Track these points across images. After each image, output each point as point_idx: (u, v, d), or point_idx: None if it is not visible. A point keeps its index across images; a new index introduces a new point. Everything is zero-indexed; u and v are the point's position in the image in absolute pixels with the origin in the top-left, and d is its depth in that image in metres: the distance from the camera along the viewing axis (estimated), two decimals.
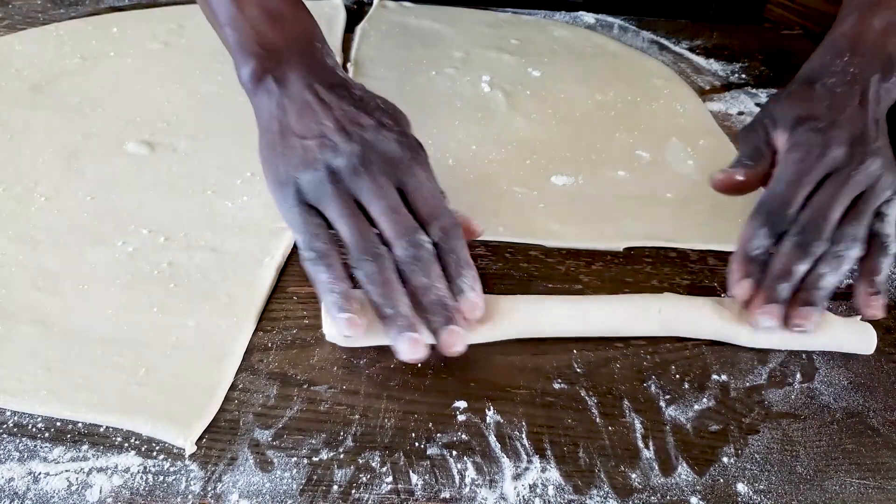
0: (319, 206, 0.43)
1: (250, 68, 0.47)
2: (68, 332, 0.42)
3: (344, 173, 0.42)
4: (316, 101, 0.45)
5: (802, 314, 0.42)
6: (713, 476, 0.37)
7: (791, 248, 0.43)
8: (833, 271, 0.43)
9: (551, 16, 0.79)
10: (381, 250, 0.41)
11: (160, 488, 0.35)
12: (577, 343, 0.44)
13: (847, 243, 0.43)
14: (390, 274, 0.40)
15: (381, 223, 0.42)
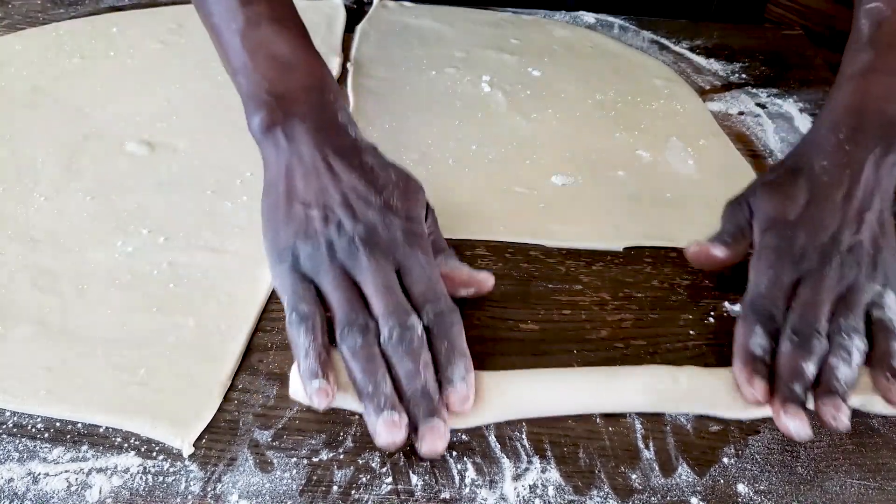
0: (314, 277, 0.42)
1: (260, 118, 0.46)
2: (68, 332, 0.42)
3: (343, 250, 0.42)
4: (325, 168, 0.44)
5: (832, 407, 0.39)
6: (713, 476, 0.37)
7: (792, 350, 0.41)
8: (845, 363, 0.40)
9: (551, 16, 0.79)
10: (370, 326, 0.39)
11: (160, 489, 0.35)
12: (578, 343, 0.44)
13: (849, 336, 0.41)
14: (375, 350, 0.39)
15: (373, 301, 0.40)
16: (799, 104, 0.68)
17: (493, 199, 0.55)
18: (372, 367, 0.38)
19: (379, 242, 0.42)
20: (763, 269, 0.45)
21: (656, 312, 0.46)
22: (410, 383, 0.38)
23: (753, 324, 0.42)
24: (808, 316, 0.42)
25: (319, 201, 0.43)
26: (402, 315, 0.39)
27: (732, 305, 0.47)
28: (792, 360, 0.40)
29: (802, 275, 0.44)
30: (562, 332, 0.45)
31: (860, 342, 0.42)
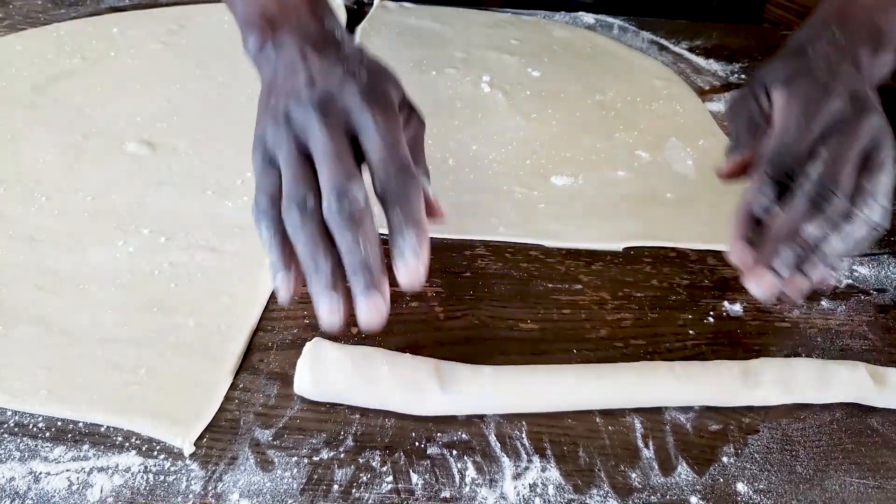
0: (276, 157, 0.40)
1: (252, 38, 0.47)
2: (69, 332, 0.42)
3: (298, 118, 0.39)
4: (301, 62, 0.43)
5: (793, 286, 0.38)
6: (713, 476, 0.37)
7: (804, 206, 0.38)
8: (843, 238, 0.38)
9: (551, 16, 0.79)
10: (310, 198, 0.37)
11: (161, 488, 0.35)
12: (578, 343, 0.44)
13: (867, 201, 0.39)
14: (315, 226, 0.36)
15: (320, 170, 0.38)
16: None
17: (493, 199, 0.55)
18: (312, 245, 0.36)
19: (334, 107, 0.39)
20: (792, 112, 0.42)
21: (656, 312, 0.47)
22: (350, 257, 0.36)
23: (766, 179, 0.40)
24: (835, 168, 0.39)
25: (289, 89, 0.42)
26: (342, 182, 0.37)
27: (732, 305, 0.47)
28: (796, 218, 0.38)
29: (836, 121, 0.41)
30: (561, 331, 0.45)
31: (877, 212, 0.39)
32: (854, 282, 0.50)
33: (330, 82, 0.40)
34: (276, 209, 0.38)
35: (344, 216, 0.36)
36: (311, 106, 0.39)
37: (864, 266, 0.51)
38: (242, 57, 0.66)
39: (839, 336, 0.46)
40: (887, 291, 0.50)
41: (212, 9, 0.75)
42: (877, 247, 0.53)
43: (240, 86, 0.64)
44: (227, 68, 0.66)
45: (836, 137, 0.41)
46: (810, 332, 0.46)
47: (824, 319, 0.47)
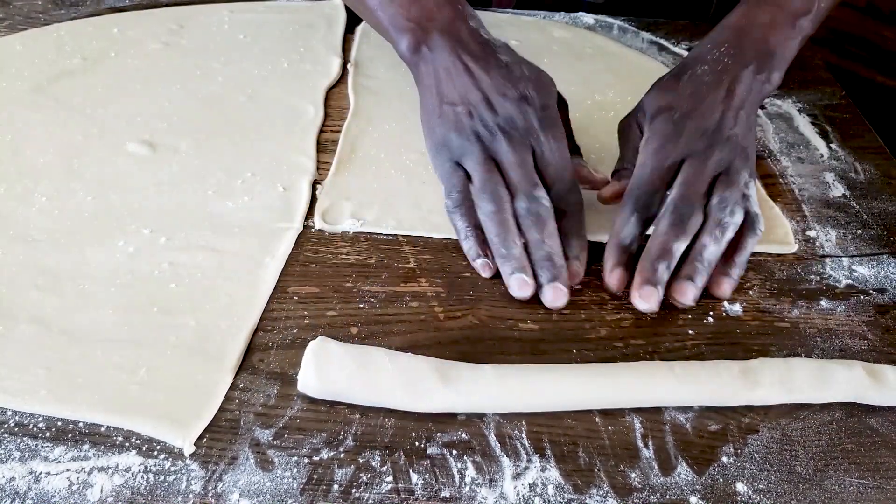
0: (463, 162, 0.49)
1: (406, 42, 0.53)
2: (69, 332, 0.42)
3: (486, 138, 0.48)
4: (463, 71, 0.51)
5: (680, 290, 0.45)
6: (713, 475, 0.37)
7: (667, 228, 0.45)
8: (715, 241, 0.45)
9: (551, 16, 0.79)
10: (503, 194, 0.46)
11: (161, 488, 0.35)
12: (577, 343, 0.44)
13: (731, 207, 0.45)
14: (508, 217, 0.46)
15: (509, 175, 0.47)
16: (798, 104, 0.68)
17: None
18: (504, 231, 0.45)
19: (516, 129, 0.48)
20: (649, 153, 0.49)
21: (655, 312, 0.47)
22: (536, 251, 0.45)
23: (630, 213, 0.47)
24: (689, 192, 0.46)
25: (464, 100, 0.50)
26: (531, 188, 0.46)
27: (731, 305, 0.47)
28: (664, 239, 0.45)
29: (686, 156, 0.48)
30: (561, 331, 0.45)
31: (739, 217, 0.46)
32: (853, 282, 0.50)
33: (508, 106, 0.49)
34: (467, 204, 0.48)
35: (533, 216, 0.46)
36: (497, 131, 0.48)
37: (863, 266, 0.51)
38: (242, 57, 0.66)
39: (839, 336, 0.46)
40: (887, 291, 0.50)
41: (212, 9, 0.75)
42: (876, 247, 0.53)
43: (240, 86, 0.64)
44: (227, 68, 0.66)
45: (688, 167, 0.47)
46: (810, 332, 0.46)
47: (824, 319, 0.47)
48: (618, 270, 0.46)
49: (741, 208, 0.46)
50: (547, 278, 0.44)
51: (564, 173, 0.49)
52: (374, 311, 0.45)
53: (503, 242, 0.45)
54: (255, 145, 0.57)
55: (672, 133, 0.49)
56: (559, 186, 0.48)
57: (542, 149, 0.48)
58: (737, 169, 0.47)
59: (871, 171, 0.61)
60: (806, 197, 0.57)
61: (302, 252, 0.49)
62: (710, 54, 0.53)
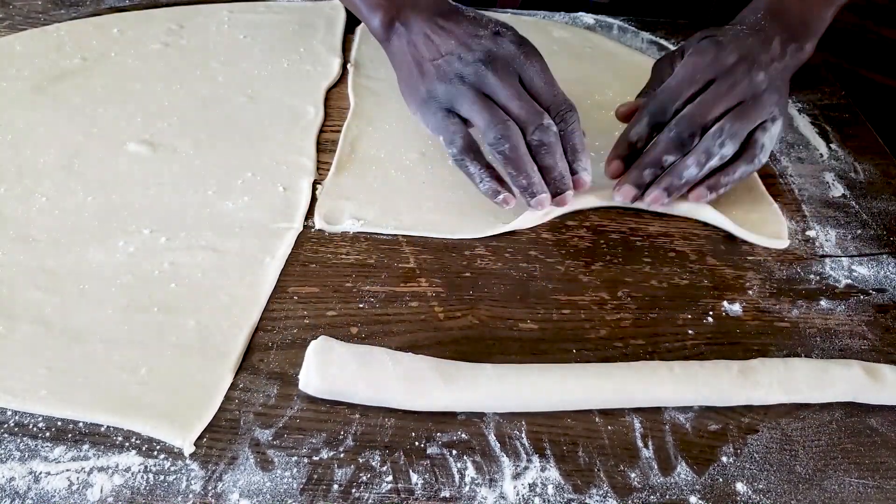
0: (456, 107, 0.50)
1: (378, 19, 0.55)
2: (69, 332, 0.42)
3: (471, 76, 0.49)
4: (438, 30, 0.52)
5: (652, 196, 0.49)
6: (712, 475, 0.37)
7: (666, 140, 0.49)
8: (696, 164, 0.48)
9: (550, 16, 0.79)
10: (513, 129, 0.48)
11: (161, 487, 0.35)
12: (577, 343, 0.44)
13: (723, 139, 0.48)
14: (523, 150, 0.48)
15: (511, 108, 0.48)
16: (798, 104, 0.68)
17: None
18: (522, 164, 0.48)
19: (497, 59, 0.49)
20: (683, 65, 0.52)
21: (655, 312, 0.47)
22: (551, 172, 0.49)
23: (644, 115, 0.50)
24: (698, 113, 0.49)
25: (441, 52, 0.51)
26: (539, 117, 0.48)
27: (731, 305, 0.47)
28: (659, 150, 0.49)
29: (716, 76, 0.50)
30: (561, 331, 0.45)
31: (729, 149, 0.49)
32: (853, 282, 0.50)
33: (483, 41, 0.50)
34: (474, 148, 0.49)
35: (546, 143, 0.48)
36: (480, 63, 0.49)
37: (863, 266, 0.51)
38: (242, 57, 0.66)
39: (838, 336, 0.46)
40: (886, 291, 0.50)
41: (212, 9, 0.75)
42: (876, 247, 0.53)
43: (240, 86, 0.64)
44: (227, 68, 0.66)
45: (712, 89, 0.50)
46: (809, 332, 0.46)
47: (823, 319, 0.47)
48: (616, 162, 0.51)
49: (735, 142, 0.49)
50: (560, 189, 0.49)
51: (555, 92, 0.50)
52: (373, 311, 0.45)
53: (523, 174, 0.48)
54: (255, 145, 0.57)
55: (713, 50, 0.51)
56: (553, 107, 0.49)
57: (529, 73, 0.50)
58: (760, 103, 0.50)
59: (871, 170, 0.61)
60: (806, 197, 0.57)
61: (302, 252, 0.49)
62: (747, 21, 0.55)
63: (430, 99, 0.51)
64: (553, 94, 0.50)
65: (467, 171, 0.49)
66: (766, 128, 0.50)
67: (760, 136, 0.50)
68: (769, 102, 0.50)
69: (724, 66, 0.50)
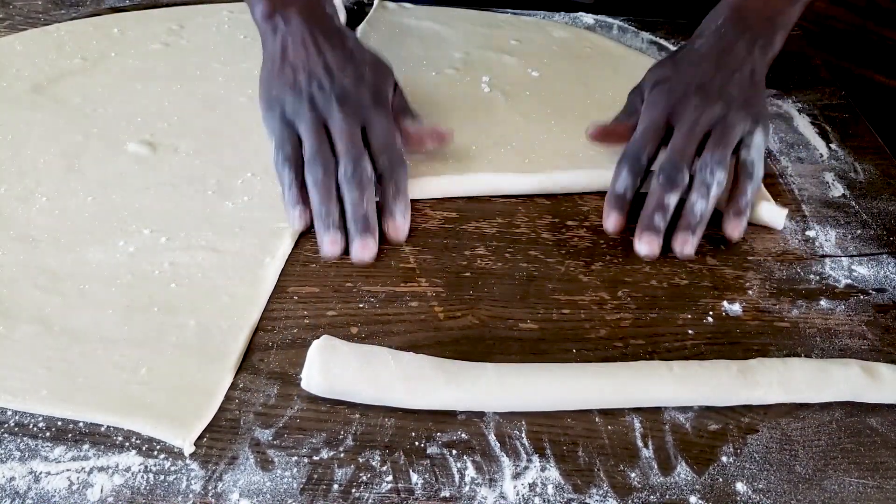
0: (295, 123, 0.51)
1: (262, 7, 0.56)
2: (69, 332, 0.42)
3: (321, 103, 0.51)
4: (312, 44, 0.54)
5: (679, 241, 0.49)
6: (712, 475, 0.37)
7: (658, 186, 0.50)
8: (702, 198, 0.49)
9: (550, 17, 0.79)
10: (331, 163, 0.49)
11: (161, 487, 0.35)
12: (577, 343, 0.44)
13: (711, 168, 0.50)
14: (332, 184, 0.49)
15: (337, 143, 0.50)
16: (798, 104, 0.68)
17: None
18: (327, 195, 0.48)
19: (350, 101, 0.51)
20: (643, 117, 0.54)
21: (655, 312, 0.47)
22: (355, 210, 0.48)
23: (623, 167, 0.52)
24: (676, 155, 0.50)
25: (306, 66, 0.53)
26: (357, 154, 0.49)
27: (731, 305, 0.47)
28: (657, 195, 0.50)
29: (677, 115, 0.52)
30: (561, 331, 0.45)
31: (721, 175, 0.50)
32: (853, 282, 0.50)
33: (346, 81, 0.52)
34: (296, 160, 0.50)
35: (356, 179, 0.49)
36: (333, 98, 0.51)
37: (863, 266, 0.51)
38: (242, 57, 0.66)
39: (838, 336, 0.46)
40: (886, 291, 0.50)
41: (212, 9, 0.75)
42: (876, 247, 0.53)
43: (240, 86, 0.64)
44: (227, 68, 0.66)
45: (677, 130, 0.52)
46: (809, 332, 0.46)
47: (823, 319, 0.47)
48: (613, 214, 0.51)
49: (723, 167, 0.50)
50: (358, 232, 0.48)
51: (391, 144, 0.51)
52: (373, 310, 0.45)
53: (325, 205, 0.48)
54: (255, 145, 0.57)
55: (664, 99, 0.54)
56: (385, 157, 0.50)
57: (372, 123, 0.51)
58: (731, 123, 0.51)
59: (871, 170, 0.61)
60: (805, 197, 0.57)
61: (302, 252, 0.49)
62: (709, 28, 0.57)
63: (276, 103, 0.52)
64: (388, 145, 0.51)
65: (281, 176, 0.50)
66: (747, 144, 0.52)
67: (745, 154, 0.51)
68: (737, 120, 0.51)
69: (680, 110, 0.52)
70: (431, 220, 0.52)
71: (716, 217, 0.52)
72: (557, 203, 0.55)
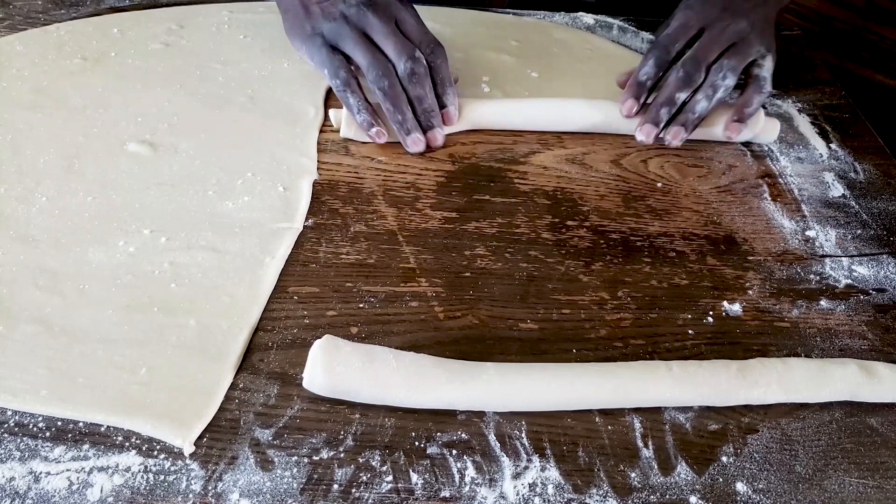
0: (339, 45, 0.56)
1: None
2: (69, 332, 0.42)
3: (354, 16, 0.56)
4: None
5: (672, 133, 0.57)
6: (712, 475, 0.38)
7: (675, 79, 0.56)
8: (706, 98, 0.56)
9: (551, 17, 0.79)
10: (391, 68, 0.55)
11: (161, 487, 0.35)
12: (577, 343, 0.44)
13: (724, 73, 0.55)
14: (399, 89, 0.55)
15: (386, 45, 0.55)
16: (798, 104, 0.68)
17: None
18: (398, 101, 0.55)
19: (378, 4, 0.56)
20: (678, 17, 0.60)
21: (655, 312, 0.47)
22: (421, 104, 0.56)
23: (650, 57, 0.58)
24: (699, 53, 0.56)
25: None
26: (410, 51, 0.55)
27: (731, 305, 0.47)
28: (670, 89, 0.56)
29: (709, 23, 0.57)
30: (561, 331, 0.45)
31: (731, 81, 0.56)
32: (853, 282, 0.50)
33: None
34: (354, 82, 0.56)
35: (416, 74, 0.55)
36: (361, 5, 0.56)
37: (863, 266, 0.51)
38: (242, 57, 0.67)
39: (838, 336, 0.46)
40: (886, 291, 0.50)
41: (212, 9, 0.75)
42: (876, 247, 0.53)
43: (240, 86, 0.64)
44: (227, 68, 0.66)
45: (706, 34, 0.57)
46: (809, 332, 0.46)
47: (823, 319, 0.47)
48: (630, 100, 0.57)
49: (735, 74, 0.56)
50: (429, 124, 0.56)
51: (424, 31, 0.57)
52: (374, 310, 0.45)
53: (398, 110, 0.54)
54: (255, 145, 0.57)
55: (699, 4, 0.59)
56: (424, 46, 0.56)
57: (402, 15, 0.57)
58: (750, 41, 0.57)
59: (871, 170, 0.61)
60: (805, 197, 0.57)
61: (302, 252, 0.49)
62: None
63: (315, 35, 0.57)
64: (423, 32, 0.57)
65: (347, 103, 0.55)
66: (759, 63, 0.57)
67: (758, 70, 0.57)
68: (756, 42, 0.57)
69: (711, 16, 0.58)
70: (431, 220, 0.52)
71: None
72: (557, 203, 0.55)
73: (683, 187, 0.57)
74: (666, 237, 0.52)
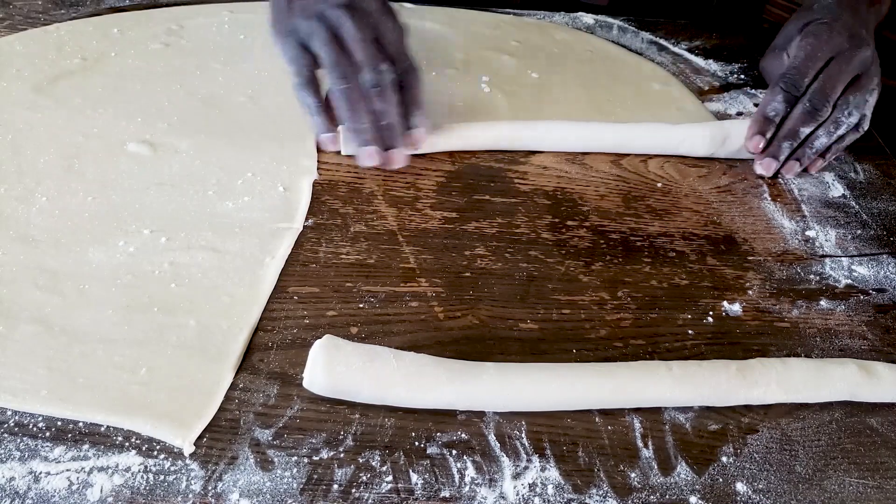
0: (309, 43, 0.52)
1: None
2: (69, 332, 0.42)
3: (332, 18, 0.52)
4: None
5: (788, 167, 0.57)
6: (712, 475, 0.37)
7: (800, 114, 0.54)
8: (826, 134, 0.55)
9: (551, 17, 0.79)
10: (351, 71, 0.51)
11: (161, 487, 0.35)
12: (577, 343, 0.44)
13: (850, 110, 0.54)
14: (358, 95, 0.51)
15: (354, 50, 0.51)
16: None
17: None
18: (356, 107, 0.51)
19: (359, 11, 0.53)
20: (803, 46, 0.57)
21: (655, 312, 0.47)
22: (383, 119, 0.51)
23: (778, 91, 0.56)
24: (827, 86, 0.55)
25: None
26: (377, 62, 0.51)
27: (731, 305, 0.47)
28: (795, 123, 0.55)
29: (835, 53, 0.56)
30: (561, 331, 0.45)
31: (854, 118, 0.55)
32: (853, 282, 0.50)
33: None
34: (315, 82, 0.53)
35: (380, 85, 0.51)
36: (341, 9, 0.52)
37: (863, 266, 0.51)
38: (242, 57, 0.67)
39: (838, 336, 0.46)
40: (886, 291, 0.50)
41: (212, 9, 0.75)
42: (876, 247, 0.53)
43: (240, 86, 0.64)
44: (227, 68, 0.66)
45: (834, 64, 0.55)
46: (809, 332, 0.46)
47: (823, 319, 0.47)
48: (756, 137, 0.56)
49: (859, 112, 0.55)
50: (388, 141, 0.52)
51: (403, 50, 0.54)
52: (374, 310, 0.45)
53: (354, 116, 0.51)
54: (255, 145, 0.57)
55: (825, 31, 0.57)
56: (399, 62, 0.53)
57: (383, 29, 0.53)
58: (871, 74, 0.56)
59: (871, 170, 0.61)
60: (805, 197, 0.57)
61: (302, 252, 0.49)
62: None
63: (290, 33, 0.54)
64: (402, 51, 0.53)
65: (304, 102, 0.53)
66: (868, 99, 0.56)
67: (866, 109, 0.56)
68: (875, 73, 0.56)
69: (837, 44, 0.56)
70: (431, 220, 0.52)
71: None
72: (557, 203, 0.55)
73: (683, 187, 0.57)
74: (666, 237, 0.52)
